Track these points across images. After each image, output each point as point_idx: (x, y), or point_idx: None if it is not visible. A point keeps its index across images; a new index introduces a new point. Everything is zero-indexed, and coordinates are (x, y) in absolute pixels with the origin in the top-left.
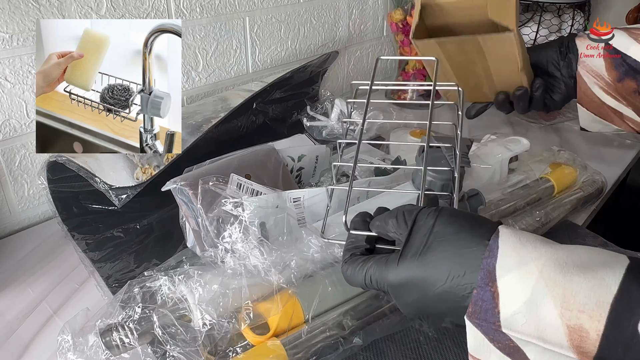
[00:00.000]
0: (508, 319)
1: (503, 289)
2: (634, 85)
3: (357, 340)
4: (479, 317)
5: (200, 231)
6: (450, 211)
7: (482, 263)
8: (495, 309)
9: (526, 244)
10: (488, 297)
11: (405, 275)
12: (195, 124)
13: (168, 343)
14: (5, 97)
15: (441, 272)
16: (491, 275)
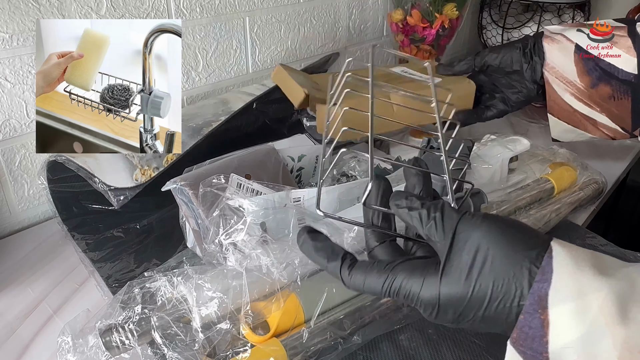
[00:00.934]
0: (557, 352)
1: (555, 318)
2: (608, 90)
3: (356, 339)
4: (524, 344)
5: (200, 231)
6: (496, 223)
7: (532, 287)
8: (543, 337)
9: (584, 270)
10: (537, 324)
11: (446, 296)
12: (195, 127)
13: (167, 346)
14: (5, 97)
15: (486, 296)
16: (542, 302)
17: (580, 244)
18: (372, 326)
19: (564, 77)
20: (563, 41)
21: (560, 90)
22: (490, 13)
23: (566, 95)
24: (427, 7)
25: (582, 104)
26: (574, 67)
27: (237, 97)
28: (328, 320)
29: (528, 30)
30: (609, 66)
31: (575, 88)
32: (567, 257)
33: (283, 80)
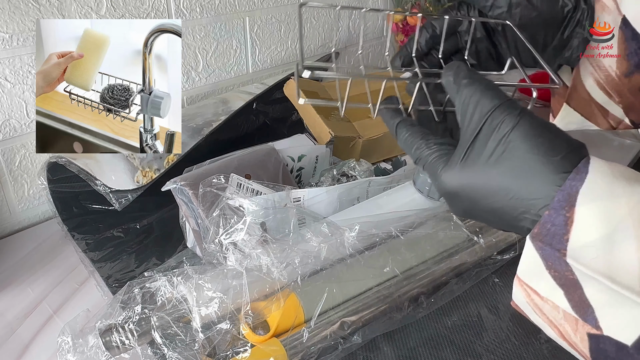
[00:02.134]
0: (576, 250)
1: (580, 217)
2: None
3: (357, 339)
4: (544, 240)
5: (200, 231)
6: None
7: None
8: (565, 235)
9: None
10: (560, 222)
11: (462, 183)
12: (195, 127)
13: (167, 346)
14: (5, 97)
15: (501, 190)
16: (571, 199)
17: None
18: (372, 326)
19: (597, 60)
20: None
21: (585, 73)
22: None
23: (588, 81)
24: (427, 7)
25: (603, 92)
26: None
27: (237, 97)
28: (328, 320)
29: None
30: None
31: (604, 74)
32: (604, 165)
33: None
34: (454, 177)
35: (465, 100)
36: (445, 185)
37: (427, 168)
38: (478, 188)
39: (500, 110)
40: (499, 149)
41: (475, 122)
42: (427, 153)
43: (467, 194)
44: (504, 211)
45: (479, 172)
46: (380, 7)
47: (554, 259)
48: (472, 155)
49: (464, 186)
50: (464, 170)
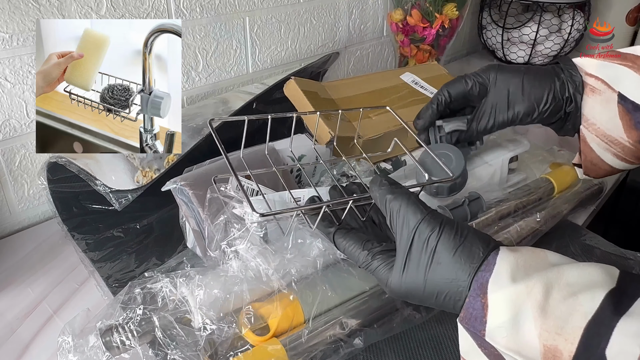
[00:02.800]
0: (492, 330)
1: (492, 302)
2: None
3: (358, 342)
4: (469, 323)
5: (200, 231)
6: (452, 232)
7: (477, 275)
8: (483, 318)
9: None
10: (478, 306)
11: (407, 289)
12: (195, 127)
13: (168, 346)
14: (5, 97)
15: (439, 293)
16: (483, 287)
17: (580, 244)
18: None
19: (607, 136)
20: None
21: (600, 150)
22: (490, 13)
23: (607, 156)
24: (427, 7)
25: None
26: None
27: (237, 97)
28: (328, 321)
29: (528, 30)
30: None
31: (620, 147)
32: (510, 255)
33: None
34: (400, 286)
35: (394, 215)
36: (395, 292)
37: (375, 275)
38: (420, 293)
39: (425, 224)
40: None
41: (406, 236)
42: (372, 263)
43: (412, 296)
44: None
45: (419, 281)
46: (381, 7)
47: (479, 339)
48: (410, 266)
49: (409, 291)
50: (406, 279)
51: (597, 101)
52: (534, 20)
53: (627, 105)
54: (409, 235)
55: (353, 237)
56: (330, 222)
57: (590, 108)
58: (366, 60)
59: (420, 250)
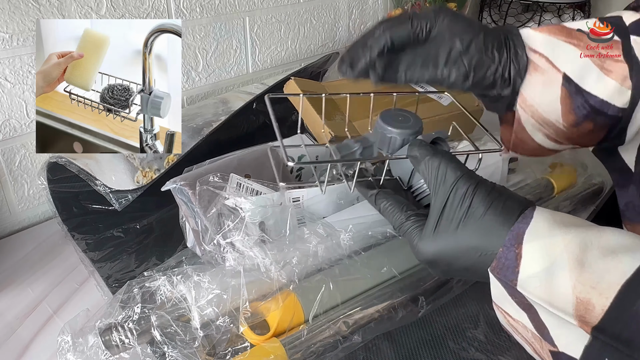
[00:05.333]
0: (524, 280)
1: (527, 252)
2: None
3: (356, 338)
4: (500, 272)
5: (200, 231)
6: (488, 189)
7: (513, 226)
8: (515, 268)
9: (559, 222)
10: (512, 256)
11: (437, 249)
12: (195, 127)
13: (167, 345)
14: (5, 97)
15: (470, 250)
16: (519, 238)
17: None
18: (372, 326)
19: (543, 118)
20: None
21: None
22: (490, 13)
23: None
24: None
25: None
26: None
27: (237, 97)
28: (328, 319)
29: None
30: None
31: (554, 129)
32: (547, 213)
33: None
34: (429, 245)
35: (432, 173)
36: (423, 253)
37: (406, 236)
38: (451, 252)
39: (462, 182)
40: (463, 217)
41: (442, 193)
42: (405, 224)
43: (442, 258)
44: (476, 268)
45: (450, 238)
46: (381, 7)
47: (510, 288)
48: (443, 224)
49: (438, 252)
50: (437, 238)
51: (539, 81)
52: (534, 20)
53: (570, 88)
54: (445, 192)
55: (395, 199)
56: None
57: (531, 88)
58: None
59: (455, 206)
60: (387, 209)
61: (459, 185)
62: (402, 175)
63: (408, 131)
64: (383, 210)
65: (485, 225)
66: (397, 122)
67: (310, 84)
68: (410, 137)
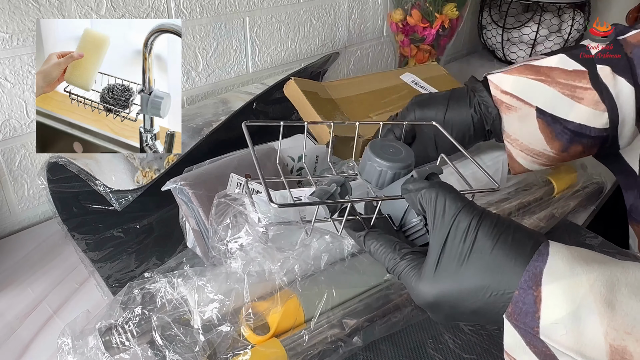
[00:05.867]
0: (547, 327)
1: (547, 295)
2: (580, 149)
3: (357, 340)
4: (518, 319)
5: (200, 231)
6: (493, 221)
7: (529, 265)
8: (535, 313)
9: (578, 258)
10: (530, 300)
11: (439, 291)
12: (195, 127)
13: (167, 348)
14: (5, 97)
15: (478, 290)
16: (537, 279)
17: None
18: (373, 328)
19: (531, 150)
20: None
21: (526, 162)
22: (490, 13)
23: (534, 166)
24: (427, 7)
25: (548, 167)
26: (540, 135)
27: (237, 97)
28: (328, 321)
29: (528, 30)
30: (579, 127)
31: (545, 157)
32: (563, 248)
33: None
34: (430, 286)
35: (430, 206)
36: (423, 296)
37: (403, 278)
38: (455, 293)
39: (464, 214)
40: (468, 252)
41: (441, 226)
42: (400, 264)
43: (445, 300)
44: (485, 310)
45: (454, 277)
46: (381, 7)
47: (530, 336)
48: (444, 261)
49: (441, 294)
50: (439, 278)
51: (514, 118)
52: (534, 20)
53: (546, 119)
54: (446, 226)
55: (386, 238)
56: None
57: (508, 125)
58: (366, 60)
59: (458, 241)
60: (378, 250)
61: (461, 218)
62: (392, 213)
63: (399, 164)
64: (374, 252)
65: (494, 262)
66: (388, 154)
67: (311, 84)
68: (401, 170)
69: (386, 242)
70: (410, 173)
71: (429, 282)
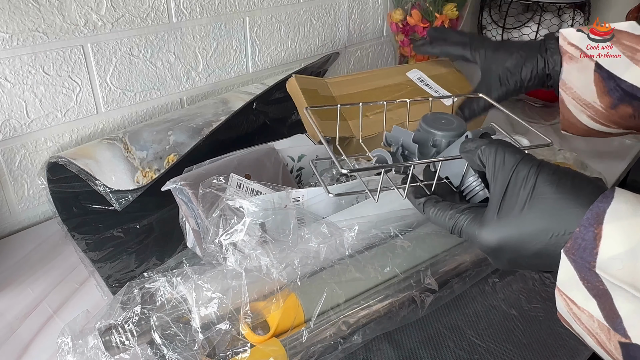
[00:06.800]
0: (604, 262)
1: (607, 233)
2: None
3: (356, 339)
4: (576, 253)
5: (200, 231)
6: (552, 168)
7: (592, 205)
8: (594, 249)
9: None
10: (590, 237)
11: (501, 236)
12: (195, 127)
13: (166, 347)
14: (5, 97)
15: (539, 232)
16: (599, 217)
17: None
18: (372, 326)
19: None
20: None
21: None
22: (490, 13)
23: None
24: (427, 7)
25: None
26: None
27: (237, 97)
28: (328, 320)
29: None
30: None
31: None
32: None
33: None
34: (493, 232)
35: (489, 161)
36: (487, 242)
37: (464, 233)
38: (518, 236)
39: (523, 163)
40: (529, 198)
41: (502, 177)
42: (460, 219)
43: (508, 244)
44: (546, 251)
45: (516, 221)
46: (381, 7)
47: (585, 270)
48: (505, 208)
49: (504, 238)
50: (501, 223)
51: (574, 67)
52: (534, 20)
53: (602, 73)
54: (506, 176)
55: (443, 204)
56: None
57: (567, 73)
58: (366, 60)
59: (518, 188)
60: (436, 214)
61: (520, 168)
62: (451, 176)
63: (453, 133)
64: (433, 217)
65: (555, 205)
66: (441, 124)
67: (312, 81)
68: (455, 139)
69: (444, 205)
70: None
71: (492, 228)
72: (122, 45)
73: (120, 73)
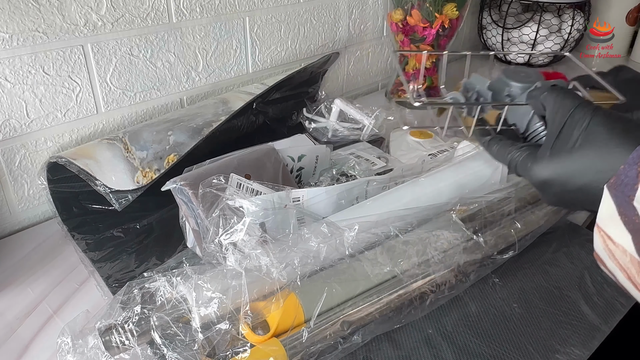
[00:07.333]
0: None
1: None
2: None
3: (356, 339)
4: (617, 188)
5: (200, 231)
6: (606, 112)
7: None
8: (634, 185)
9: None
10: (633, 174)
11: (551, 171)
12: (195, 127)
13: (166, 347)
14: (5, 97)
15: (586, 168)
16: None
17: (580, 244)
18: (372, 326)
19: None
20: None
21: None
22: (490, 13)
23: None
24: (427, 7)
25: None
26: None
27: (237, 97)
28: (328, 320)
29: (528, 30)
30: None
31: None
32: None
33: None
34: (544, 166)
35: (551, 103)
36: (538, 175)
37: (520, 167)
38: (567, 170)
39: (580, 108)
40: (581, 137)
41: (560, 118)
42: (517, 154)
43: (557, 178)
44: (590, 187)
45: (565, 158)
46: (381, 7)
47: (625, 204)
48: (558, 145)
49: (554, 172)
50: (553, 158)
51: None
52: (534, 20)
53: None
54: (563, 117)
55: (506, 142)
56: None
57: None
58: (366, 60)
59: (573, 127)
60: (499, 149)
61: (577, 111)
62: (518, 122)
63: (528, 85)
64: (495, 153)
65: (605, 144)
66: (520, 77)
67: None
68: None
69: (505, 143)
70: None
71: (544, 162)
72: (122, 45)
73: (120, 73)
